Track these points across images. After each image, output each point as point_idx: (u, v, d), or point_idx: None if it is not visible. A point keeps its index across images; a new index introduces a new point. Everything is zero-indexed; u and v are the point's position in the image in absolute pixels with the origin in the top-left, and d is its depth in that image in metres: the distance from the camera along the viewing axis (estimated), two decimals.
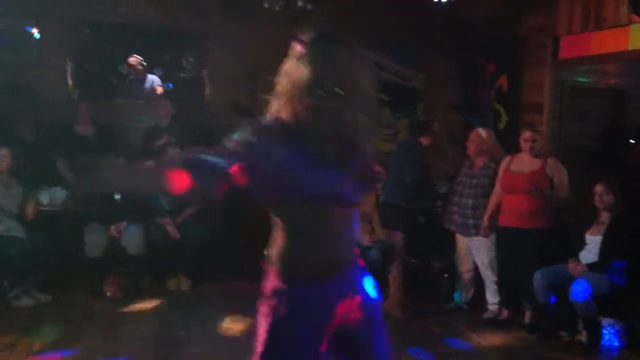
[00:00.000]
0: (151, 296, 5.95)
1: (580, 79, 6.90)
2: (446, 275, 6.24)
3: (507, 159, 5.53)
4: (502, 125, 6.79)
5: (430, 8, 6.84)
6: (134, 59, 7.63)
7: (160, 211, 6.28)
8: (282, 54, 2.19)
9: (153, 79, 7.81)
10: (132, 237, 6.01)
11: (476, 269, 5.80)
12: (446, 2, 6.53)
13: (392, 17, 7.58)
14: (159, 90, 7.67)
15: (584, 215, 5.34)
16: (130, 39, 7.74)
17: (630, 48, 5.72)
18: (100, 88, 7.67)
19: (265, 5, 6.70)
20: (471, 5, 7.04)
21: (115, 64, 8.06)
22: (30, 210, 5.74)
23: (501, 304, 5.58)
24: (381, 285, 6.66)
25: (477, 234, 5.60)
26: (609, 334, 4.97)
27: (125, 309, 5.59)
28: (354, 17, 7.49)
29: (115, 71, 8.03)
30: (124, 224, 6.04)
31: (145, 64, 7.73)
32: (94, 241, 5.94)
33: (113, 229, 6.01)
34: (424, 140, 6.00)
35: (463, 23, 7.58)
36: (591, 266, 5.00)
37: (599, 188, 5.19)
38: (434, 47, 7.54)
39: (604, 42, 5.98)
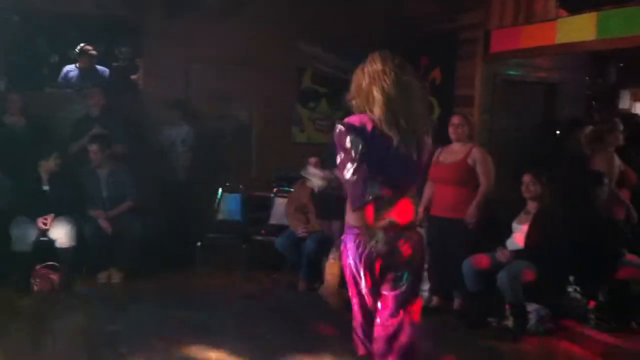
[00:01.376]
0: (81, 290, 5.84)
1: (511, 72, 7.05)
2: None
3: (438, 151, 5.61)
4: (435, 118, 6.89)
5: (367, 3, 6.90)
6: (89, 48, 7.38)
7: (93, 203, 6.17)
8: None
9: (103, 70, 7.61)
10: (61, 230, 5.85)
11: None
12: None
13: (330, 11, 7.61)
14: None
15: (513, 205, 5.47)
16: (62, 28, 7.52)
17: (557, 42, 5.86)
18: (31, 78, 7.43)
19: None
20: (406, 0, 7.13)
21: (47, 53, 7.83)
22: None
23: (431, 291, 5.67)
24: (316, 274, 6.59)
25: None
26: (535, 319, 5.10)
27: (54, 304, 5.46)
28: (292, 12, 7.49)
29: (46, 61, 7.80)
30: (51, 216, 5.88)
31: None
32: (21, 234, 5.75)
33: (40, 221, 5.85)
34: None
35: (399, 18, 7.66)
36: (517, 253, 5.13)
37: (526, 178, 5.32)
38: (371, 41, 7.59)
39: (532, 36, 6.10)
